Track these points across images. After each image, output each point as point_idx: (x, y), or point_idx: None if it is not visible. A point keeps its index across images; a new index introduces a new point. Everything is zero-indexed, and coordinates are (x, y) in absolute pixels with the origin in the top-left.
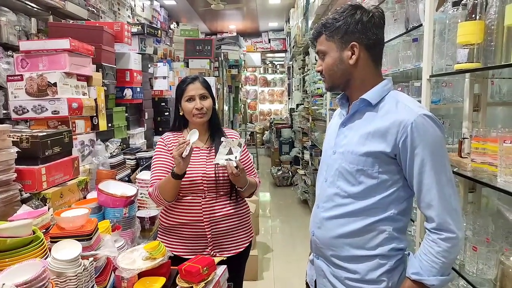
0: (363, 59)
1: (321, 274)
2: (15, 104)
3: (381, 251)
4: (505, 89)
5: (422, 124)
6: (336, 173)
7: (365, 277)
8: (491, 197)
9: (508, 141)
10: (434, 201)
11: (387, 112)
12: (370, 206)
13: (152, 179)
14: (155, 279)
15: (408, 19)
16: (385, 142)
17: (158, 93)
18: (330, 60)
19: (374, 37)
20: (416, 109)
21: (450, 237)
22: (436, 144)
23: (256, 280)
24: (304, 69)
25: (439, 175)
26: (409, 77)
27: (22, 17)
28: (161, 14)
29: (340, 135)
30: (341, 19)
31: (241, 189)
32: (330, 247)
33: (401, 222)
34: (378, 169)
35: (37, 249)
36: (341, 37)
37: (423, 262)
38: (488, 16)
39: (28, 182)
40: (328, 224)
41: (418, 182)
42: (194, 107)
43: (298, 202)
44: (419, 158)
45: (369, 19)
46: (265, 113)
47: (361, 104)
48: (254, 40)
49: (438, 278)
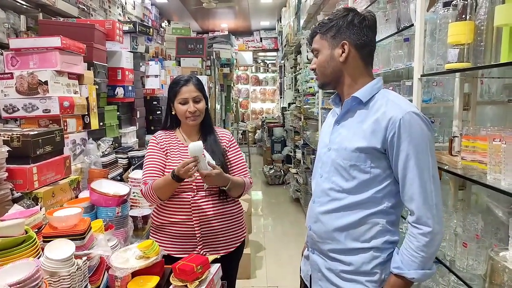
0: (352, 58)
1: (316, 268)
2: (5, 103)
3: (375, 243)
4: (494, 88)
5: (409, 121)
6: (331, 169)
7: (359, 269)
8: (480, 194)
9: (497, 139)
10: (415, 195)
11: (377, 109)
12: (364, 200)
13: (144, 177)
14: (149, 278)
15: (400, 19)
16: (375, 138)
17: (150, 91)
18: (322, 57)
19: (364, 37)
20: (405, 106)
21: (428, 232)
22: (421, 141)
23: (249, 279)
24: (296, 68)
25: (422, 170)
26: (400, 77)
27: (11, 14)
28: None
29: (334, 132)
30: (334, 20)
31: (224, 188)
32: (326, 241)
33: (393, 215)
34: (370, 164)
35: (30, 248)
36: (333, 35)
37: (403, 256)
38: (478, 17)
39: (19, 181)
40: (324, 218)
41: (402, 177)
42: (187, 110)
43: (290, 201)
44: (404, 154)
45: (361, 21)
46: (257, 112)
47: (352, 102)
48: (246, 39)
49: (418, 271)
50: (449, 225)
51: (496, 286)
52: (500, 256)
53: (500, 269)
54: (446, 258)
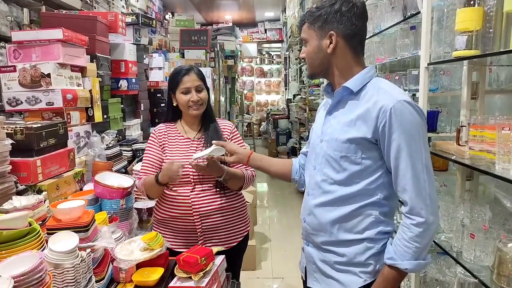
0: (341, 48)
1: (311, 260)
2: (9, 96)
3: (368, 234)
4: (503, 76)
5: (400, 110)
6: (323, 160)
7: (353, 260)
8: (488, 184)
9: (506, 128)
10: (408, 186)
11: (368, 99)
12: (356, 192)
13: (141, 173)
14: (153, 270)
15: (406, 6)
16: (366, 128)
17: (153, 84)
18: (310, 48)
19: (353, 27)
20: (396, 95)
21: (421, 222)
22: (413, 130)
23: (254, 270)
24: (300, 59)
25: (414, 160)
26: (406, 66)
27: (14, 7)
28: (156, 4)
29: (326, 123)
30: (322, 8)
31: (220, 179)
32: (319, 233)
33: (387, 207)
34: (361, 155)
35: (34, 241)
36: (320, 26)
37: (397, 247)
38: (487, 2)
39: (23, 174)
40: (317, 210)
41: (395, 167)
42: (190, 100)
43: (295, 193)
44: (396, 143)
45: (349, 9)
46: (262, 104)
47: (343, 92)
48: (250, 30)
49: (411, 262)
50: (456, 216)
51: (504, 277)
52: (508, 247)
53: (508, 261)
54: (453, 250)
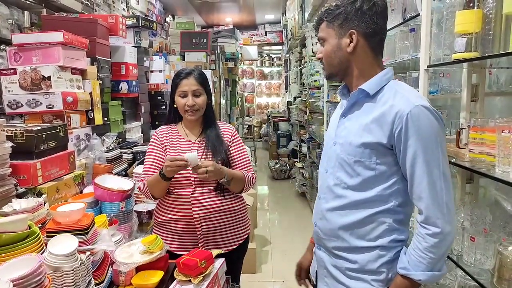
0: (361, 48)
1: (322, 264)
2: (9, 99)
3: (381, 242)
4: (503, 78)
5: (417, 115)
6: (336, 164)
7: (365, 268)
8: (488, 187)
9: (506, 131)
10: (424, 194)
11: (385, 102)
12: (370, 198)
13: (143, 175)
14: (153, 273)
15: (405, 8)
16: (381, 133)
17: (154, 86)
18: (329, 47)
19: (374, 25)
20: (414, 100)
21: (437, 232)
22: (430, 137)
23: (255, 273)
24: (301, 62)
25: (431, 168)
26: (406, 68)
27: (15, 10)
28: (156, 7)
29: (340, 126)
30: (342, 6)
31: (222, 180)
32: (331, 238)
33: (401, 214)
34: (375, 161)
35: (33, 243)
36: (340, 24)
37: (411, 257)
38: (486, 5)
39: (23, 177)
40: (329, 215)
41: (411, 174)
42: (185, 104)
43: (296, 195)
44: (412, 150)
45: (370, 7)
46: (263, 106)
47: (359, 94)
48: (251, 33)
49: (426, 273)
50: (457, 219)
51: (505, 281)
52: (508, 250)
53: (509, 264)
54: (453, 253)
